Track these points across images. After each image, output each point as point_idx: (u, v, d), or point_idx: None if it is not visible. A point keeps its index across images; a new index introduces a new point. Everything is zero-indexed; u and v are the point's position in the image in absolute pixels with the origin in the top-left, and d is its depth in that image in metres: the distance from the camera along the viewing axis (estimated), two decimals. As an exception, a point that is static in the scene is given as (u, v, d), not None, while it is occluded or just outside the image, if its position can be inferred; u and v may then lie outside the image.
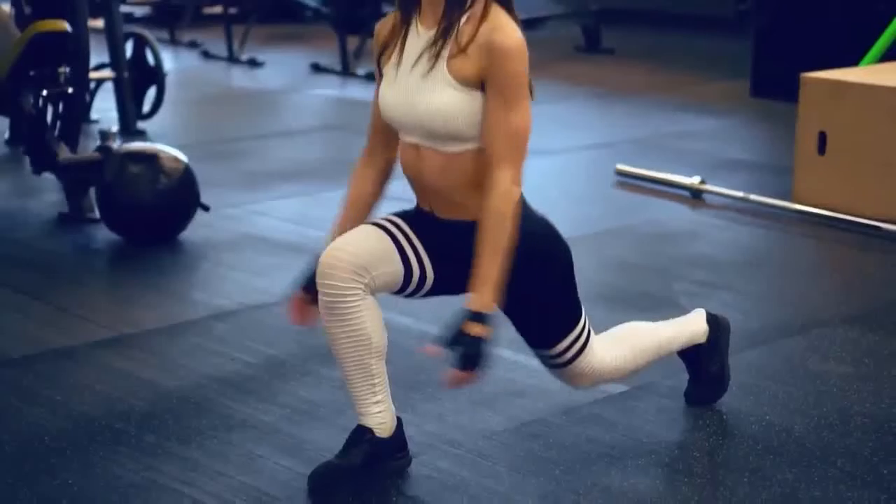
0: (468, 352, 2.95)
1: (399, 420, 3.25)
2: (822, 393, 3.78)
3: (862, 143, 5.61)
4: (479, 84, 2.97)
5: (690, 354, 3.62)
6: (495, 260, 2.95)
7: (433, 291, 3.20)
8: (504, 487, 3.19)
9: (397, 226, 3.14)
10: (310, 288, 3.18)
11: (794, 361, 4.03)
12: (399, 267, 3.10)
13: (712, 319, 3.64)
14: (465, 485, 3.19)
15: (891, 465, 3.32)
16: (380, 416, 3.16)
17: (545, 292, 3.19)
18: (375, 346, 3.11)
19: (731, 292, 4.67)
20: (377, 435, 3.16)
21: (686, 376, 3.88)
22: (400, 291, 3.17)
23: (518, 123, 2.97)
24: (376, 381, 3.14)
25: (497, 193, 2.96)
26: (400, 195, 3.46)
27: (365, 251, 3.04)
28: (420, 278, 3.13)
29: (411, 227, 3.15)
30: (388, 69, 3.10)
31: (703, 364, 3.62)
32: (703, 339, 3.59)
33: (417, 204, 3.23)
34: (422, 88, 3.00)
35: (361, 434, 3.16)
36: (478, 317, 2.95)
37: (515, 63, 2.95)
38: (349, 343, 3.07)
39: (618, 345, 3.42)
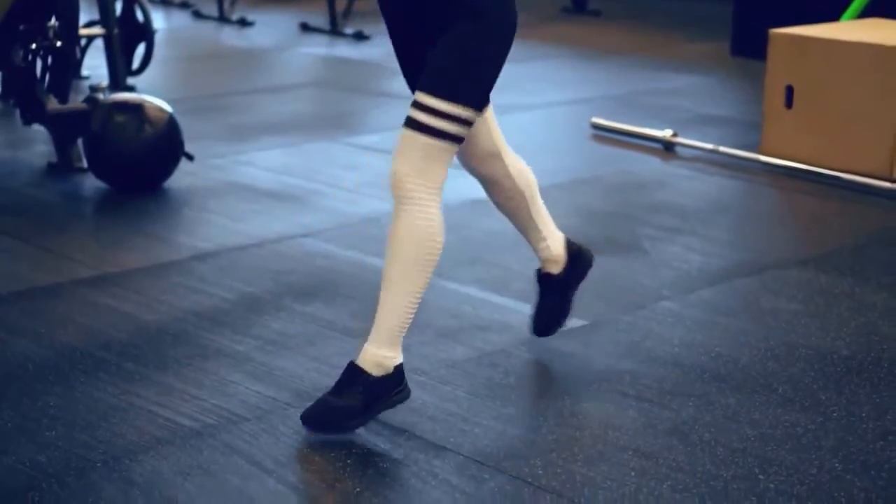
0: None
1: (566, 254, 3.71)
2: (771, 328, 3.97)
3: (826, 96, 5.79)
4: None
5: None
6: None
7: None
8: (462, 410, 3.38)
9: None
10: None
11: (748, 299, 4.22)
12: None
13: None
14: (425, 407, 3.38)
15: (829, 391, 3.51)
16: None
17: (474, 39, 3.13)
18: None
19: (694, 236, 4.85)
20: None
21: (643, 312, 4.08)
22: None
23: None
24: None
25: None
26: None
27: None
28: None
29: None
30: None
31: (351, 390, 3.23)
32: (377, 371, 3.24)
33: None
34: None
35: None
36: None
37: None
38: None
39: (439, 220, 3.26)
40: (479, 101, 3.18)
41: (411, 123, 3.17)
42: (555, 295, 3.76)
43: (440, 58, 3.16)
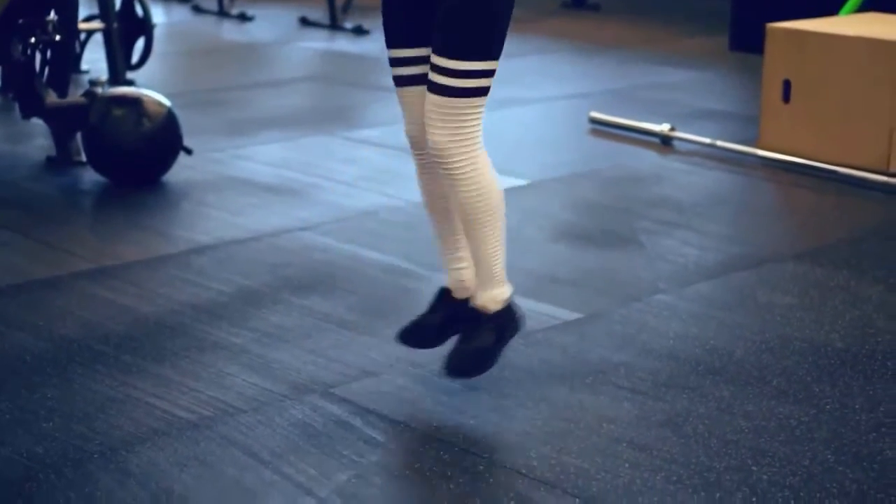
0: None
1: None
2: (766, 321, 3.98)
3: (824, 91, 5.80)
4: None
5: (476, 316, 3.43)
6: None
7: None
8: (456, 401, 3.40)
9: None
10: None
11: (744, 293, 4.24)
12: None
13: (511, 308, 3.44)
14: (420, 398, 3.40)
15: (823, 384, 3.53)
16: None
17: (481, 3, 3.16)
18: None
19: (690, 230, 4.87)
20: (457, 297, 3.48)
21: (638, 305, 4.09)
22: None
23: None
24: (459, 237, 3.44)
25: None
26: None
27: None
28: None
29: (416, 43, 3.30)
30: None
31: (482, 332, 3.40)
32: (495, 306, 3.40)
33: None
34: None
35: (443, 294, 3.51)
36: None
37: None
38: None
39: (492, 170, 3.30)
40: (499, 51, 3.23)
41: (439, 89, 3.20)
42: (443, 315, 3.50)
43: (452, 18, 3.17)
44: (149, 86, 7.04)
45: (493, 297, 3.40)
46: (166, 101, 5.50)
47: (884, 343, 3.81)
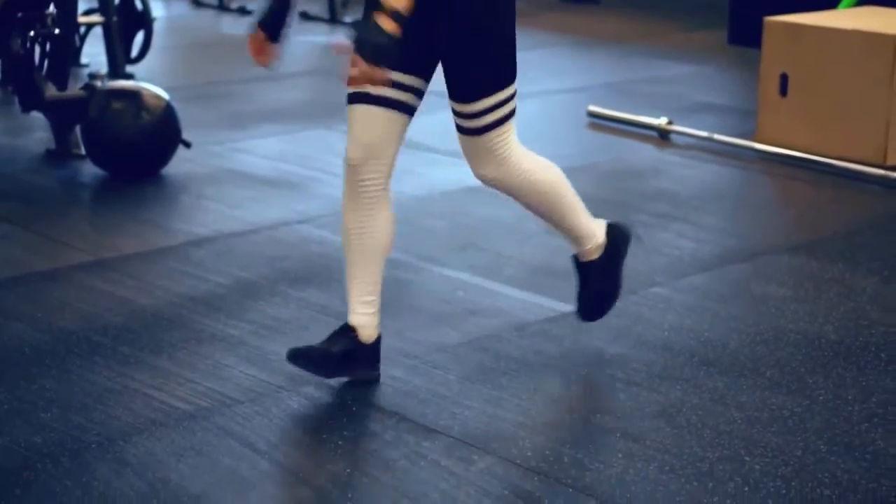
0: (371, 39, 2.99)
1: (379, 336, 3.44)
2: (760, 313, 4.01)
3: (821, 84, 5.82)
4: None
5: (583, 266, 3.68)
6: None
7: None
8: (452, 393, 3.42)
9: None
10: (267, 25, 3.35)
11: (739, 285, 4.26)
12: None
13: (613, 231, 3.70)
14: (416, 391, 3.42)
15: (816, 375, 3.55)
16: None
17: (484, 34, 3.19)
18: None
19: (686, 223, 4.89)
20: (359, 338, 3.39)
21: (634, 298, 4.11)
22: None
23: None
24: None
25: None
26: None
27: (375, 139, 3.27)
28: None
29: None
30: None
31: (593, 278, 3.68)
32: (595, 255, 3.65)
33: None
34: None
35: (347, 330, 3.40)
36: (391, 12, 3.01)
37: None
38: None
39: (538, 162, 3.47)
40: (514, 74, 3.28)
41: (470, 132, 3.29)
42: (342, 350, 3.40)
43: (461, 57, 3.20)
44: (148, 79, 7.05)
45: (593, 247, 3.63)
46: (165, 95, 5.52)
47: (877, 335, 3.83)
